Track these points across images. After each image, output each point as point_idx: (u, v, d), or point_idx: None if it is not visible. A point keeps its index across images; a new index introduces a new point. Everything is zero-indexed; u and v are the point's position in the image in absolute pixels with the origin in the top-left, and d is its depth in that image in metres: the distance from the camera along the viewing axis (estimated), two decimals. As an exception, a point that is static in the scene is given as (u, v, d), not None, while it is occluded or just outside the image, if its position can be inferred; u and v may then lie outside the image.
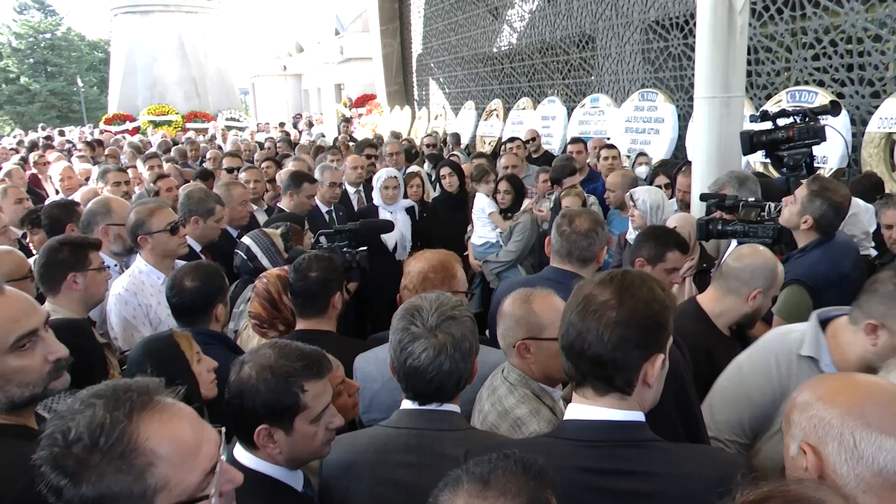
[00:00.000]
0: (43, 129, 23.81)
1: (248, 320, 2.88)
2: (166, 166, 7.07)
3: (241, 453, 1.69)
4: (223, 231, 4.12)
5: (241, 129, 23.09)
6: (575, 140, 7.20)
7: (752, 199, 3.36)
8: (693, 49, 7.52)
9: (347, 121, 14.53)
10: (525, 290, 2.17)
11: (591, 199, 5.35)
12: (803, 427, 1.29)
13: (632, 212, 4.10)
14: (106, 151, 10.24)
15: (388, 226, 4.56)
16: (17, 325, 1.67)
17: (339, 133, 13.15)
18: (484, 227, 5.44)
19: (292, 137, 13.32)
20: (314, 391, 1.67)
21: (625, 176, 4.96)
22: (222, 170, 6.91)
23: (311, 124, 21.05)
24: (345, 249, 3.32)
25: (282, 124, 22.57)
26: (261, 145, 11.76)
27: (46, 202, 6.13)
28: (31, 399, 1.70)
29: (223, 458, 1.21)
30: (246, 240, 3.46)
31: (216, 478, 1.16)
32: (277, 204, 5.30)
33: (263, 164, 7.07)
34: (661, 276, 2.82)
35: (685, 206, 4.64)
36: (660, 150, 7.63)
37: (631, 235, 4.25)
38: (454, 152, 8.45)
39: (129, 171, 6.38)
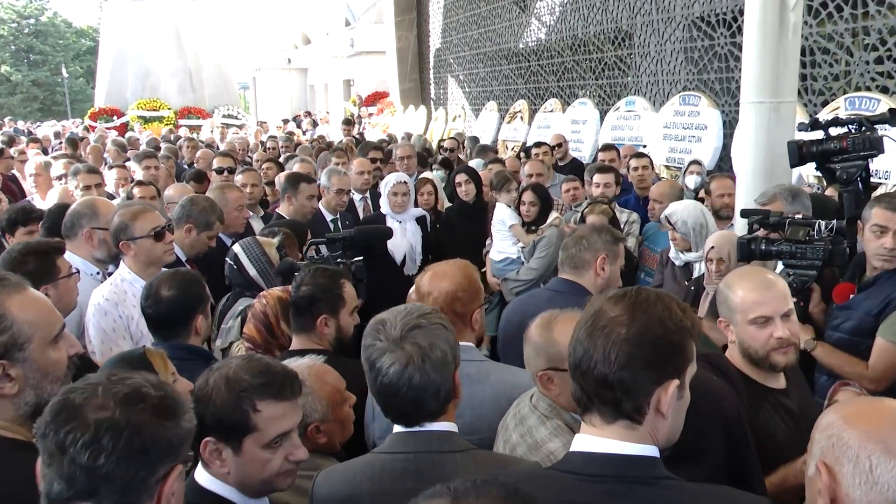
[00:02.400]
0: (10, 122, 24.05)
1: (241, 342, 2.91)
2: (163, 165, 7.11)
3: (199, 473, 1.76)
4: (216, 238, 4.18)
5: (239, 126, 23.31)
6: (606, 147, 7.22)
7: (801, 215, 3.35)
8: (740, 49, 7.52)
9: (349, 123, 14.47)
10: (550, 313, 2.20)
11: (634, 216, 5.35)
12: (822, 446, 1.34)
13: (673, 234, 4.11)
14: (88, 150, 10.34)
15: (387, 232, 4.59)
16: (56, 318, 1.83)
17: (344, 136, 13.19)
18: (504, 241, 5.46)
19: (295, 137, 13.42)
20: (269, 413, 1.71)
21: (672, 186, 4.97)
22: (212, 171, 6.96)
23: (315, 123, 21.23)
24: (339, 260, 3.35)
25: (285, 121, 22.78)
26: (262, 145, 11.87)
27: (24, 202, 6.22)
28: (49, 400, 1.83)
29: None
30: (236, 247, 3.53)
31: None
32: (276, 209, 5.37)
33: (263, 166, 7.15)
34: None
35: (726, 209, 4.67)
36: (703, 159, 7.60)
37: (673, 254, 4.27)
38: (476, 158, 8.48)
39: (114, 170, 6.46)
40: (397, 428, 1.84)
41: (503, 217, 5.47)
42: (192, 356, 2.57)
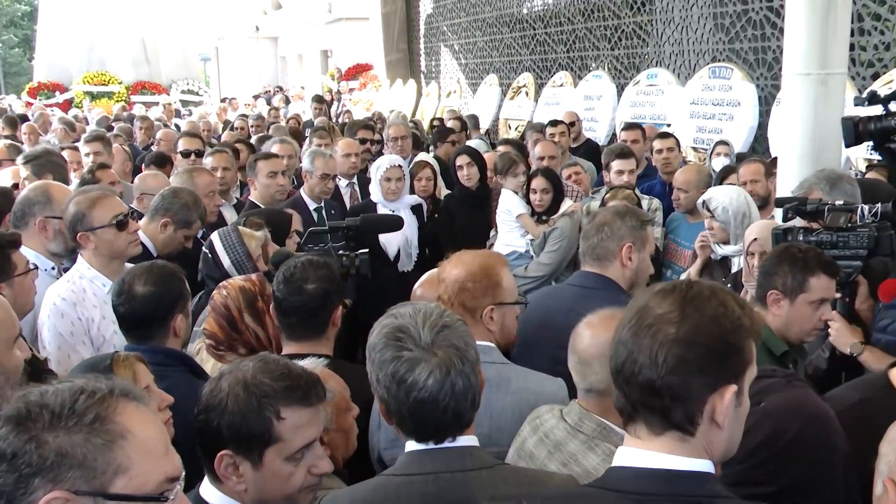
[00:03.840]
0: None
1: (202, 340, 2.93)
2: (117, 147, 7.10)
3: (207, 489, 1.77)
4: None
5: (197, 104, 23.24)
6: (630, 126, 7.24)
7: (841, 201, 3.39)
8: (778, 14, 7.57)
9: (321, 101, 14.16)
10: (606, 311, 2.21)
11: (655, 202, 5.37)
12: (889, 461, 1.36)
13: (710, 223, 4.13)
14: (23, 129, 10.27)
15: (397, 222, 4.60)
16: (15, 317, 1.91)
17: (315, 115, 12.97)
18: (510, 232, 5.46)
19: (266, 116, 13.37)
20: (294, 421, 1.73)
21: (699, 172, 4.99)
22: (177, 153, 6.97)
23: (288, 100, 21.17)
24: (341, 252, 3.36)
25: (255, 97, 22.70)
26: (228, 124, 11.83)
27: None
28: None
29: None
30: (213, 235, 3.55)
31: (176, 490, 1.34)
32: (248, 197, 5.39)
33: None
34: (805, 312, 2.76)
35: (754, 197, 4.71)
36: (735, 140, 7.64)
37: (712, 248, 4.30)
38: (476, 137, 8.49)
39: (64, 153, 6.42)
40: (411, 445, 1.83)
41: (510, 205, 5.47)
42: (171, 361, 2.57)
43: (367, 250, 3.47)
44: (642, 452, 1.50)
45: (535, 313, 3.17)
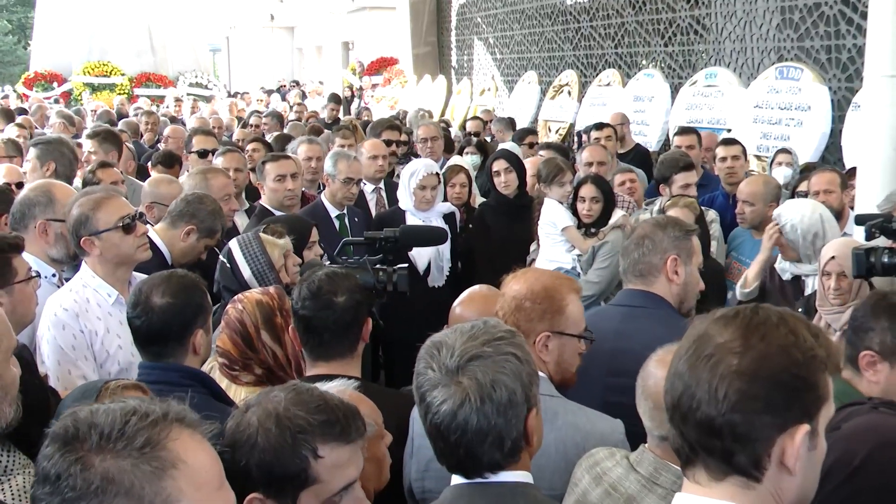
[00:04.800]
0: None
1: (214, 357, 2.93)
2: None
3: None
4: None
5: (207, 98, 23.44)
6: (685, 130, 7.19)
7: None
8: (854, 9, 7.50)
9: (337, 101, 13.84)
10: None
11: (711, 213, 5.32)
12: None
13: (779, 239, 4.12)
14: (17, 120, 10.40)
15: (440, 235, 4.58)
16: (10, 328, 1.95)
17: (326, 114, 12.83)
18: (555, 246, 5.43)
19: (288, 113, 13.48)
20: (333, 459, 1.71)
21: (767, 184, 4.96)
22: (190, 153, 7.03)
23: (304, 96, 21.33)
24: (378, 266, 3.36)
25: (269, 92, 22.86)
26: (239, 121, 11.92)
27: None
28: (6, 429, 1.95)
29: None
30: (232, 243, 3.57)
31: None
32: (259, 202, 5.42)
33: (248, 147, 7.17)
34: None
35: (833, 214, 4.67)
36: (805, 148, 7.59)
37: (780, 264, 4.27)
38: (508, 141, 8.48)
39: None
40: (457, 479, 1.83)
41: (554, 217, 5.45)
42: (187, 380, 2.55)
43: (406, 265, 3.47)
44: (702, 500, 1.47)
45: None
